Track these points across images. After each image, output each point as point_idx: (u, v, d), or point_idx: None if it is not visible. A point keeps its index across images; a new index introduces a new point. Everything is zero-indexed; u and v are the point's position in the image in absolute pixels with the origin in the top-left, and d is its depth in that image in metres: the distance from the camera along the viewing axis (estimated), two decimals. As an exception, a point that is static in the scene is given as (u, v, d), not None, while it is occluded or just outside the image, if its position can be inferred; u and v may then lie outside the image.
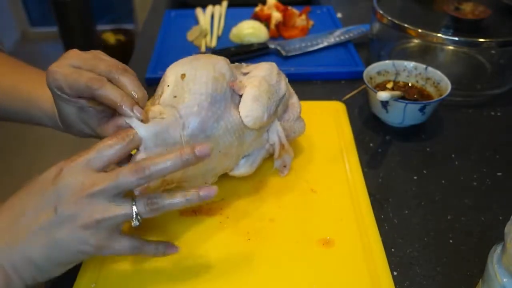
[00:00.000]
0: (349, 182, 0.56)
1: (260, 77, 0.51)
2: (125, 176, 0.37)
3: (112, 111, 0.45)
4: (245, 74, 0.53)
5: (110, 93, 0.41)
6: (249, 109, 0.48)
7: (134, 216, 0.38)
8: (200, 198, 0.39)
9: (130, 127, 0.41)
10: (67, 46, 2.66)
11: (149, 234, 0.49)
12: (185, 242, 0.48)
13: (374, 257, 0.47)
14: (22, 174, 1.83)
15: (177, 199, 0.39)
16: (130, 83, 0.42)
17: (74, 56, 0.44)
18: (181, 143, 0.44)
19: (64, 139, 2.01)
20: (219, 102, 0.47)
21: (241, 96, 0.49)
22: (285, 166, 0.57)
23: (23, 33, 2.83)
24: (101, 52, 0.46)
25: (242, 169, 0.53)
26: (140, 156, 0.41)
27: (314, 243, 0.49)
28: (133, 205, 0.38)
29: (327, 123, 0.66)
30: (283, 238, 0.49)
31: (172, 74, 0.47)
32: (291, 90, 0.57)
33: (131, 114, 0.41)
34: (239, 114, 0.48)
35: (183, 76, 0.47)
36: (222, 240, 0.49)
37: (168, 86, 0.46)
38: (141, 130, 0.41)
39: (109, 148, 0.39)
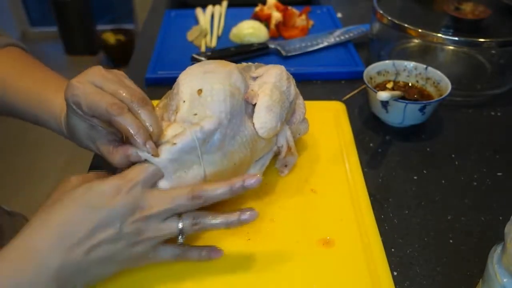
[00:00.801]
0: (349, 182, 0.56)
1: (271, 84, 0.51)
2: (182, 201, 0.40)
3: (122, 136, 0.46)
4: (254, 78, 0.53)
5: (128, 122, 0.41)
6: (263, 120, 0.49)
7: (179, 234, 0.41)
8: (241, 223, 0.42)
9: (139, 157, 0.42)
10: (67, 46, 2.66)
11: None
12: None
13: (374, 257, 0.47)
14: (22, 174, 1.83)
15: (219, 221, 0.42)
16: (148, 116, 0.43)
17: (97, 74, 0.44)
18: (199, 163, 0.44)
19: (64, 139, 2.02)
20: (236, 117, 0.47)
21: (253, 105, 0.50)
22: (286, 166, 0.57)
23: (23, 33, 2.83)
24: (124, 74, 0.46)
25: (251, 171, 0.53)
26: (163, 184, 0.43)
27: (314, 243, 0.49)
28: (179, 223, 0.41)
29: (327, 123, 0.66)
30: (283, 238, 0.49)
31: (187, 88, 0.46)
32: (297, 90, 0.57)
33: (144, 148, 0.42)
34: (252, 124, 0.49)
35: (199, 91, 0.46)
36: (221, 240, 0.49)
37: (184, 101, 0.46)
38: (156, 161, 0.42)
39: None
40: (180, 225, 0.41)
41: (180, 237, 0.42)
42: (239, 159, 0.48)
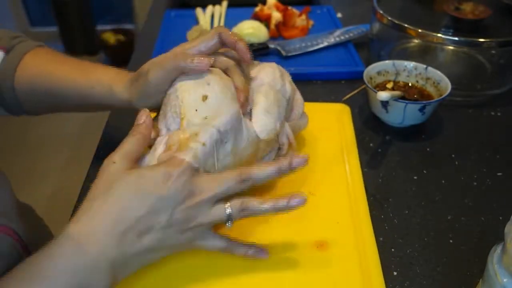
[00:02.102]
0: (348, 185, 0.56)
1: (266, 85, 0.51)
2: (231, 183, 0.41)
3: None
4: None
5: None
6: (262, 123, 0.49)
7: (227, 220, 0.42)
8: (289, 207, 0.42)
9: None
10: (67, 46, 2.66)
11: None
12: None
13: (368, 262, 0.46)
14: (22, 174, 1.83)
15: (267, 206, 0.42)
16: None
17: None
18: (213, 165, 0.44)
19: (63, 139, 2.02)
20: (240, 118, 0.47)
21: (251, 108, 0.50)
22: None
23: (23, 33, 2.83)
24: None
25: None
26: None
27: (308, 245, 0.48)
28: (227, 209, 0.41)
29: (330, 126, 0.66)
30: (278, 240, 0.49)
31: (189, 96, 0.46)
32: (294, 86, 0.57)
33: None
34: (253, 127, 0.49)
35: (204, 97, 0.46)
36: None
37: (190, 109, 0.45)
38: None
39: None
40: (228, 211, 0.41)
41: (228, 222, 0.42)
42: (246, 157, 0.48)
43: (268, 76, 0.52)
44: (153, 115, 0.50)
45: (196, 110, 0.45)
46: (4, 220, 0.48)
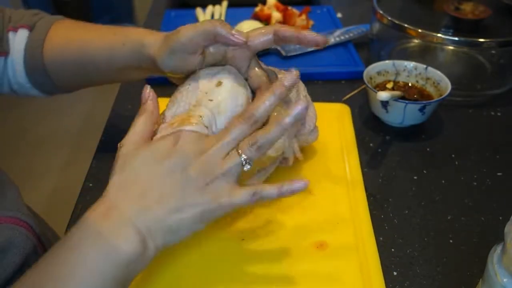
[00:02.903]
0: (348, 185, 0.56)
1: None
2: (238, 127, 0.40)
3: None
4: None
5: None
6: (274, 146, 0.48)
7: (244, 162, 0.40)
8: (295, 119, 0.40)
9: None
10: (67, 46, 2.66)
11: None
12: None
13: (368, 262, 0.46)
14: (22, 174, 1.83)
15: (274, 130, 0.40)
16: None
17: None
18: None
19: (63, 139, 2.02)
20: None
21: None
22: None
23: (23, 33, 2.83)
24: None
25: (255, 180, 0.51)
26: None
27: (308, 245, 0.48)
28: (240, 153, 0.40)
29: (330, 125, 0.65)
30: (277, 240, 0.49)
31: (204, 82, 0.46)
32: (309, 98, 0.56)
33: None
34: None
35: (219, 83, 0.46)
36: (215, 239, 0.49)
37: (205, 92, 0.45)
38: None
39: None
40: (240, 151, 0.40)
41: (245, 165, 0.40)
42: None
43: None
44: (163, 104, 0.49)
45: (206, 93, 0.45)
46: (17, 213, 0.49)
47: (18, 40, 0.57)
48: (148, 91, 0.45)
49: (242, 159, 0.40)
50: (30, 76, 0.58)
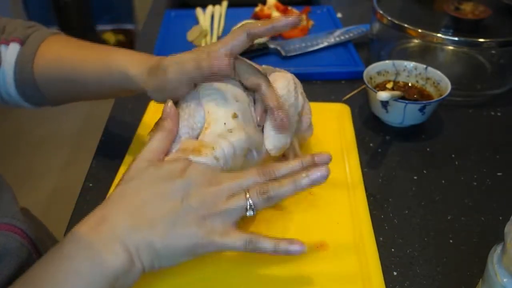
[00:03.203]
0: (348, 185, 0.56)
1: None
2: (254, 177, 0.40)
3: None
4: None
5: (273, 94, 0.47)
6: (275, 141, 0.49)
7: (249, 207, 0.39)
8: (312, 182, 0.40)
9: None
10: (67, 46, 2.66)
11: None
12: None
13: (368, 262, 0.46)
14: (22, 174, 1.83)
15: (287, 187, 0.40)
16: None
17: (237, 40, 0.45)
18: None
19: (63, 139, 2.02)
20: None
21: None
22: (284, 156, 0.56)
23: (23, 33, 2.83)
24: None
25: None
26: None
27: (308, 245, 0.47)
28: (247, 197, 0.39)
29: (330, 125, 0.65)
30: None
31: (220, 111, 0.46)
32: (304, 95, 0.56)
33: (277, 116, 0.47)
34: (264, 143, 0.49)
35: (234, 115, 0.46)
36: None
37: (223, 123, 0.46)
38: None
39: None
40: (247, 195, 0.39)
41: (250, 211, 0.39)
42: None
43: (283, 89, 0.51)
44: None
45: (225, 124, 0.45)
46: (12, 220, 0.48)
47: (10, 53, 0.56)
48: (169, 106, 0.45)
49: (248, 203, 0.39)
50: (20, 89, 0.57)
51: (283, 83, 0.51)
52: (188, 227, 0.38)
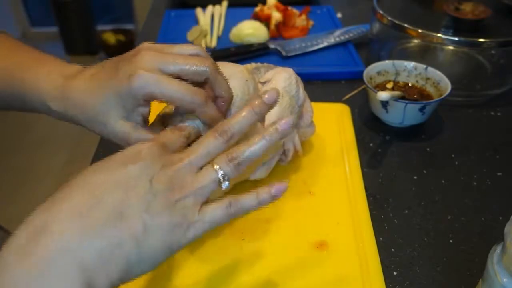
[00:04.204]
0: (348, 185, 0.56)
1: (281, 90, 0.50)
2: (212, 142, 0.36)
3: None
4: (262, 83, 0.53)
5: (212, 111, 0.41)
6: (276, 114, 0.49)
7: (222, 179, 0.35)
8: (283, 132, 0.36)
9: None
10: (67, 46, 2.66)
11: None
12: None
13: (368, 262, 0.46)
14: (22, 174, 1.83)
15: (257, 145, 0.36)
16: (222, 83, 0.41)
17: (154, 56, 0.40)
18: None
19: (63, 139, 2.02)
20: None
21: None
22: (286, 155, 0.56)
23: (23, 33, 2.83)
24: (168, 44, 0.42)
25: (258, 173, 0.52)
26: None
27: (308, 245, 0.48)
28: (216, 168, 0.35)
29: (329, 126, 0.65)
30: (277, 239, 0.49)
31: None
32: (305, 93, 0.57)
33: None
34: (262, 126, 0.48)
35: None
36: (215, 238, 0.49)
37: None
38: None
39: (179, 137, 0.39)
40: (216, 166, 0.35)
41: (223, 184, 0.35)
42: None
43: (284, 82, 0.51)
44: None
45: None
46: None
47: None
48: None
49: (220, 175, 0.34)
50: None
51: (284, 76, 0.52)
52: (159, 217, 0.32)
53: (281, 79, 0.51)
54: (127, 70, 0.39)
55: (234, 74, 0.45)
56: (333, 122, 0.67)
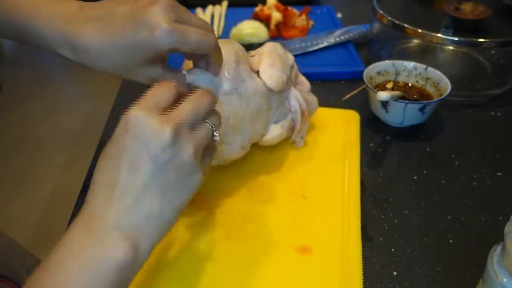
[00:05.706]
0: (344, 193, 0.55)
1: (268, 51, 0.55)
2: (200, 101, 0.38)
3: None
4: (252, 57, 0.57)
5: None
6: (269, 73, 0.52)
7: (213, 131, 0.39)
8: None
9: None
10: (67, 46, 2.66)
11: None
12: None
13: (350, 270, 0.46)
14: (22, 174, 1.83)
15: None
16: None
17: (175, 8, 0.42)
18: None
19: (63, 139, 2.02)
20: (243, 64, 0.51)
21: (258, 71, 0.53)
22: (302, 138, 0.60)
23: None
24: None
25: (274, 132, 0.55)
26: None
27: (292, 249, 0.48)
28: (206, 122, 0.38)
29: (335, 132, 0.64)
30: (262, 240, 0.49)
31: None
32: (296, 67, 0.60)
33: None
34: (262, 80, 0.52)
35: None
36: (201, 234, 0.49)
37: None
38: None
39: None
40: (207, 122, 0.38)
41: (215, 134, 0.39)
42: (255, 107, 0.51)
43: (270, 46, 0.56)
44: None
45: None
46: None
47: None
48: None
49: (207, 122, 0.38)
50: None
51: (270, 43, 0.57)
52: (173, 180, 0.36)
53: (267, 46, 0.56)
54: (148, 22, 0.40)
55: (222, 45, 0.50)
56: (340, 128, 0.65)
